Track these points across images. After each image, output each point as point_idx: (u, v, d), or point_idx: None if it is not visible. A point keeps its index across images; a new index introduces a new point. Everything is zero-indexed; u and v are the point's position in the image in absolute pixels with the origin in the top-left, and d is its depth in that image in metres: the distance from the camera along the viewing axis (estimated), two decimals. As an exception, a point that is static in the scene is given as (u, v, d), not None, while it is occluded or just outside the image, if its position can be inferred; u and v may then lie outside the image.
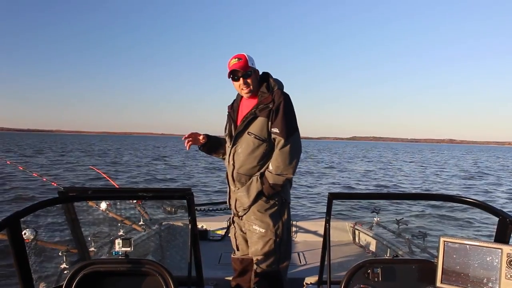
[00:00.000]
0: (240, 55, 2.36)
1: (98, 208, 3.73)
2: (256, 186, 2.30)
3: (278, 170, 2.26)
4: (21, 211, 1.58)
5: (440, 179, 19.61)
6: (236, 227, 2.50)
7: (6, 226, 1.52)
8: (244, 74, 2.32)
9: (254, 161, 2.32)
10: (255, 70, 2.38)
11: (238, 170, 2.36)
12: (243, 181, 2.36)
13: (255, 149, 2.31)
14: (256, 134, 2.29)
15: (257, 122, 2.29)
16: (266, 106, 2.28)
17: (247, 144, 2.32)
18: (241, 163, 2.34)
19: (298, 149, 2.31)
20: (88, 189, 2.22)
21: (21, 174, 13.85)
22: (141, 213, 4.13)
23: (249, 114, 2.31)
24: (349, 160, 35.72)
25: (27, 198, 10.29)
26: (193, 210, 1.90)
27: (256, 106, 2.31)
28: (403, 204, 10.05)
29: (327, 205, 1.98)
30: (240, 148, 2.35)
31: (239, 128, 2.35)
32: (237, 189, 2.38)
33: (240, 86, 2.35)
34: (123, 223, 3.82)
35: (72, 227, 2.32)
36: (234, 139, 2.37)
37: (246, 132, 2.32)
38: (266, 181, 2.28)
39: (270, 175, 2.28)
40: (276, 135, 2.26)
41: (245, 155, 2.33)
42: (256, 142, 2.30)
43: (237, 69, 2.31)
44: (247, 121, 2.31)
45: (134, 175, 17.72)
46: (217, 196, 11.64)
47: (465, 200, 1.96)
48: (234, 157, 2.38)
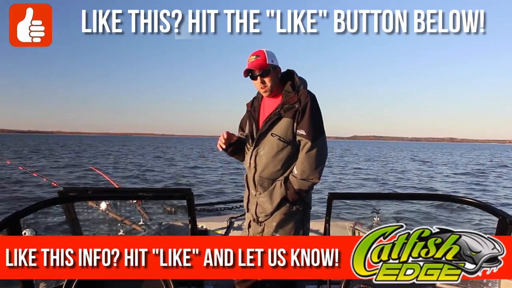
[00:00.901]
0: (258, 51, 2.23)
1: (98, 208, 3.73)
2: (280, 191, 2.16)
3: (304, 174, 2.13)
4: (21, 211, 1.58)
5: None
6: (251, 232, 2.33)
7: (6, 226, 1.52)
8: (261, 73, 2.19)
9: (278, 165, 2.19)
10: (275, 67, 2.23)
11: (260, 173, 2.22)
12: (265, 186, 2.22)
13: (279, 151, 2.17)
14: (280, 135, 2.16)
15: (282, 123, 2.17)
16: (292, 106, 2.15)
17: (271, 146, 2.19)
18: (263, 166, 2.21)
19: (325, 152, 2.20)
20: (88, 189, 2.23)
21: (21, 174, 13.85)
22: (141, 213, 4.13)
23: (273, 114, 2.18)
24: (396, 161, 34.28)
25: (27, 198, 10.29)
26: (193, 210, 1.90)
27: (281, 106, 2.18)
28: (404, 204, 10.05)
29: (327, 205, 1.98)
30: (263, 150, 2.21)
31: (262, 129, 2.21)
32: (259, 194, 2.24)
33: (258, 85, 2.24)
34: (123, 223, 3.83)
35: (72, 227, 2.32)
36: (256, 141, 2.24)
37: (270, 134, 2.19)
38: (291, 186, 2.15)
39: (295, 180, 2.15)
40: (302, 137, 2.13)
41: (268, 158, 2.19)
42: (281, 144, 2.17)
43: (251, 69, 2.19)
44: (271, 122, 2.18)
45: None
46: (218, 196, 11.64)
47: (465, 200, 1.97)
48: (256, 160, 2.23)
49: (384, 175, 21.05)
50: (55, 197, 1.93)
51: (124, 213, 4.03)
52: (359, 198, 5.59)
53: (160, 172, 19.69)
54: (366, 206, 7.82)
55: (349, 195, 6.68)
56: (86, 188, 2.87)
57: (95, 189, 2.25)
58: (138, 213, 4.12)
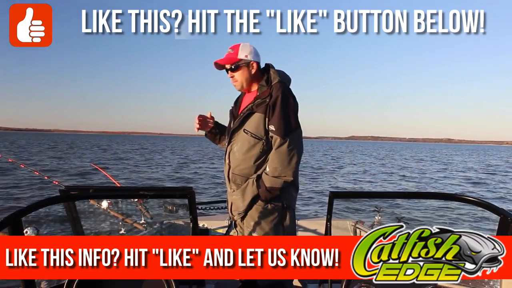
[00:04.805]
0: (234, 46, 2.20)
1: (99, 207, 3.74)
2: (251, 189, 2.12)
3: (275, 172, 2.07)
4: (23, 210, 1.59)
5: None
6: (238, 232, 2.33)
7: (7, 225, 1.53)
8: (230, 67, 2.17)
9: (250, 161, 2.14)
10: (248, 62, 2.18)
11: (233, 170, 2.19)
12: (238, 183, 2.18)
13: (250, 148, 2.12)
14: (252, 131, 2.11)
15: (253, 118, 2.12)
16: (263, 101, 2.09)
17: (243, 142, 2.15)
18: (236, 162, 2.17)
19: (299, 148, 2.12)
20: (89, 188, 2.23)
21: (22, 173, 13.89)
22: (142, 211, 4.14)
23: (246, 109, 2.15)
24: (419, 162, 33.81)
25: (28, 196, 10.31)
26: (194, 208, 1.90)
27: (253, 101, 2.14)
28: (405, 203, 10.05)
29: (328, 203, 1.98)
30: (236, 147, 2.18)
31: (235, 125, 2.18)
32: (232, 191, 2.21)
33: (230, 80, 2.22)
34: (124, 221, 3.84)
35: (73, 226, 2.32)
36: (230, 137, 2.22)
37: (242, 130, 2.16)
38: (262, 184, 2.09)
39: (266, 178, 2.09)
40: (272, 133, 2.08)
41: (241, 154, 2.15)
42: (252, 140, 2.12)
43: (217, 62, 2.18)
44: (243, 118, 2.15)
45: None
46: (218, 195, 11.64)
47: (466, 199, 1.96)
48: (230, 156, 2.22)
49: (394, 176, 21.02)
50: (56, 195, 1.93)
51: (126, 212, 4.05)
52: (360, 197, 5.58)
53: (162, 170, 19.72)
54: (367, 205, 7.83)
55: (350, 194, 6.67)
56: (87, 186, 2.88)
57: (97, 187, 2.25)
58: (139, 212, 4.14)
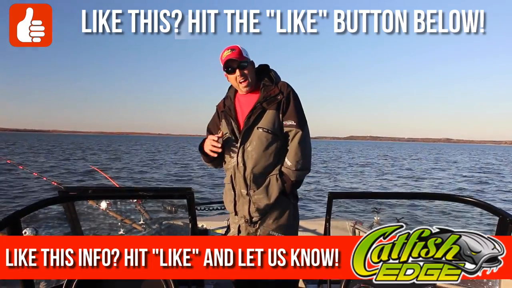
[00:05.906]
0: (233, 46, 2.19)
1: (98, 207, 3.73)
2: (277, 185, 2.11)
3: (298, 165, 2.10)
4: (22, 210, 1.59)
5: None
6: (243, 234, 2.22)
7: (6, 225, 1.53)
8: (239, 65, 2.14)
9: (269, 158, 2.12)
10: (250, 62, 2.20)
11: (252, 170, 2.13)
12: (259, 182, 2.13)
13: (268, 145, 2.11)
14: (268, 128, 2.11)
15: (267, 115, 2.12)
16: (274, 98, 2.12)
17: (259, 140, 2.11)
18: (255, 162, 2.12)
19: (310, 141, 2.19)
20: (88, 188, 2.23)
21: (21, 174, 13.86)
22: (141, 212, 4.13)
23: (256, 108, 2.14)
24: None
25: (27, 197, 10.30)
26: (193, 209, 1.90)
27: (263, 99, 2.14)
28: (404, 203, 10.05)
29: (327, 204, 1.99)
30: (250, 146, 2.13)
31: (247, 124, 2.14)
32: (253, 192, 2.14)
33: (237, 79, 2.16)
34: (123, 222, 3.83)
35: (72, 226, 2.32)
36: (242, 138, 2.15)
37: (256, 128, 2.13)
38: (287, 179, 2.11)
39: (291, 172, 2.11)
40: (292, 127, 2.11)
41: (259, 153, 2.12)
42: (269, 136, 2.11)
43: (232, 59, 2.13)
44: (255, 116, 2.13)
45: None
46: (217, 196, 11.64)
47: (465, 199, 1.97)
48: (244, 157, 2.15)
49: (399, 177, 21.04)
50: (55, 196, 1.93)
51: (125, 212, 4.04)
52: (359, 198, 5.58)
53: (161, 171, 19.70)
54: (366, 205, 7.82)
55: (350, 195, 6.68)
56: (86, 187, 2.87)
57: (96, 188, 2.25)
58: (138, 212, 4.13)
